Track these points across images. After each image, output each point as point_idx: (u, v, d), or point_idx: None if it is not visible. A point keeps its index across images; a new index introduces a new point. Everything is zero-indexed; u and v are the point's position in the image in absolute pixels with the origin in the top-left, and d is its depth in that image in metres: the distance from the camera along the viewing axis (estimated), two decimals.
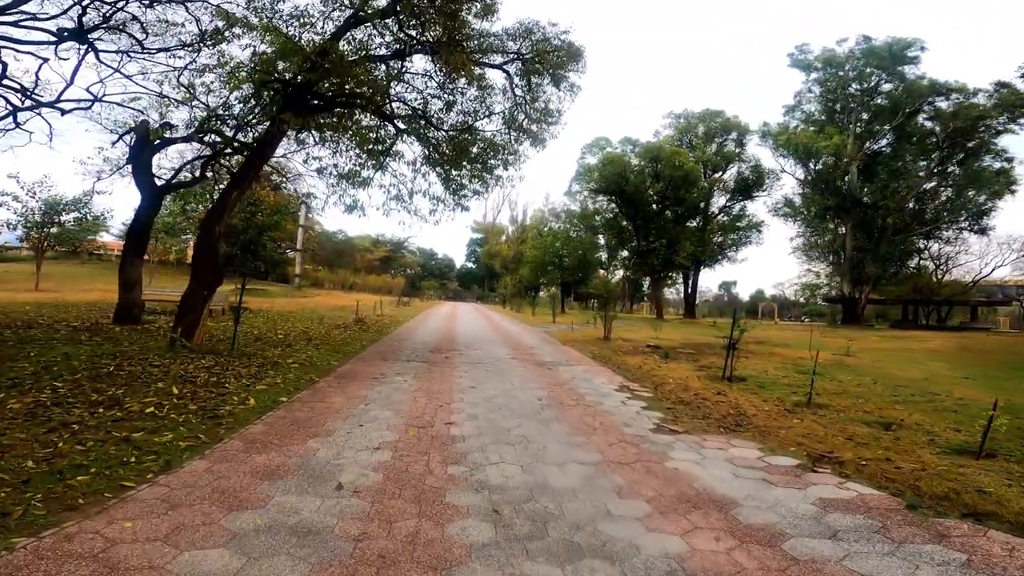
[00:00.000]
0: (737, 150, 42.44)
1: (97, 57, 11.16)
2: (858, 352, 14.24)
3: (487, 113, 11.96)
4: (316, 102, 10.95)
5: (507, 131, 12.88)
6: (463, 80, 11.80)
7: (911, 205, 34.47)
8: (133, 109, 13.81)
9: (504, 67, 12.53)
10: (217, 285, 8.81)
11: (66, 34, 11.02)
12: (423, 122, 11.97)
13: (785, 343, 16.19)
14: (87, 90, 12.69)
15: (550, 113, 13.03)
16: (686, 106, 63.56)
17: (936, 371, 11.60)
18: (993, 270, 39.60)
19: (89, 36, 11.22)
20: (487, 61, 12.29)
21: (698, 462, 4.83)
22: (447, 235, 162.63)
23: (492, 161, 12.50)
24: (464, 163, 12.38)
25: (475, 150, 12.22)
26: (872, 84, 35.65)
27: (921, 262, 39.37)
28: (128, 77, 12.54)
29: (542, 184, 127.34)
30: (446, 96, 11.87)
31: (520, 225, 62.78)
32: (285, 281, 48.46)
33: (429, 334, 16.53)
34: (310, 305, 25.16)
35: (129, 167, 13.45)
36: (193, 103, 12.79)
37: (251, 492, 3.67)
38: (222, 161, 14.55)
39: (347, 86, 10.66)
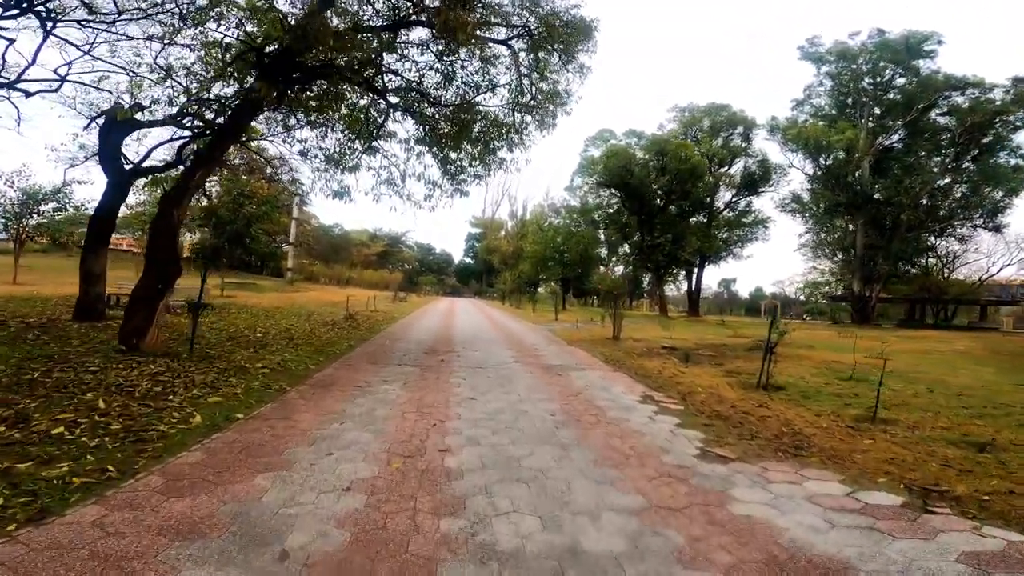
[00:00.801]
0: (743, 145, 41.34)
1: (43, 27, 9.92)
2: (889, 355, 13.08)
3: (490, 87, 10.71)
4: (295, 74, 9.75)
5: (511, 112, 11.69)
6: (464, 52, 10.61)
7: (924, 201, 33.41)
8: (102, 90, 12.71)
9: (509, 42, 11.32)
10: (175, 277, 7.62)
11: (12, 3, 9.79)
12: (418, 95, 10.75)
13: (808, 344, 15.04)
14: (54, 71, 11.63)
15: (558, 94, 11.83)
16: (691, 99, 62.36)
17: (985, 377, 10.48)
18: (1000, 269, 38.77)
19: (42, 8, 10.00)
20: (491, 36, 11.09)
21: (772, 503, 3.69)
22: (445, 230, 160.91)
23: (496, 142, 11.27)
24: (464, 143, 11.18)
25: (477, 128, 10.99)
26: (886, 78, 34.58)
27: (928, 260, 38.46)
28: (97, 58, 11.45)
29: (542, 179, 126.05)
30: (444, 68, 10.64)
31: (519, 220, 61.55)
32: (280, 275, 47.15)
33: (424, 332, 15.35)
34: (300, 300, 23.93)
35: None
36: (169, 83, 11.68)
37: (148, 560, 2.51)
38: (202, 147, 13.41)
39: (333, 57, 9.47)
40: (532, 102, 11.64)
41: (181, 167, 13.28)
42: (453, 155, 11.81)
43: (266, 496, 3.35)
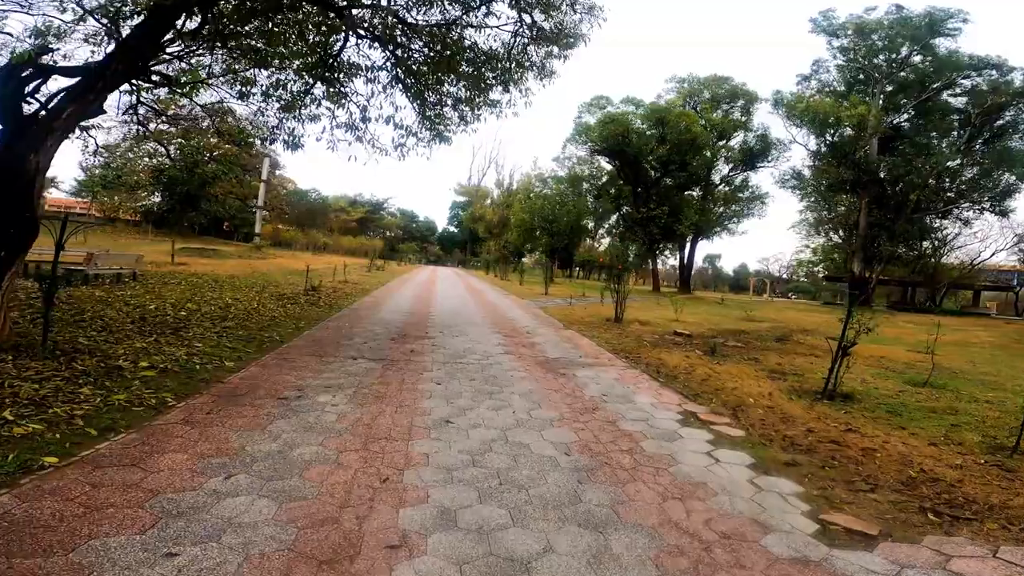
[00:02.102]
0: (744, 118, 39.42)
1: None
2: (932, 349, 11.50)
3: (483, 1, 8.37)
4: None
5: (508, 52, 9.45)
6: None
7: (932, 182, 32.10)
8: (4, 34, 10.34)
9: None
10: (28, 242, 5.44)
11: None
12: (389, 19, 8.47)
13: (832, 333, 13.39)
14: None
15: (565, 33, 9.62)
16: (691, 70, 59.78)
17: None
18: (993, 254, 37.93)
19: None
20: None
21: None
22: (429, 197, 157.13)
23: (488, 77, 8.98)
24: (448, 78, 8.95)
25: (464, 60, 8.71)
26: (902, 55, 32.80)
27: (923, 244, 37.44)
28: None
29: (530, 148, 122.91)
30: None
31: (506, 189, 59.08)
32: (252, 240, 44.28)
33: (397, 310, 13.30)
34: (263, 268, 21.58)
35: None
36: (88, 23, 9.31)
37: None
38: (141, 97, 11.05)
39: None
40: (533, 46, 9.44)
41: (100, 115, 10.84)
42: (432, 97, 9.59)
43: None
